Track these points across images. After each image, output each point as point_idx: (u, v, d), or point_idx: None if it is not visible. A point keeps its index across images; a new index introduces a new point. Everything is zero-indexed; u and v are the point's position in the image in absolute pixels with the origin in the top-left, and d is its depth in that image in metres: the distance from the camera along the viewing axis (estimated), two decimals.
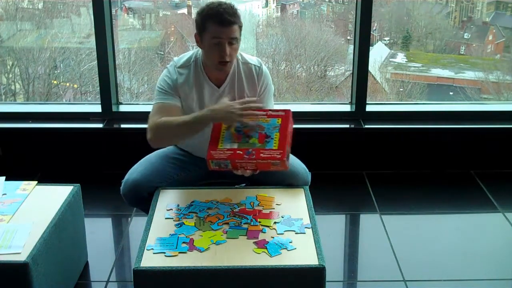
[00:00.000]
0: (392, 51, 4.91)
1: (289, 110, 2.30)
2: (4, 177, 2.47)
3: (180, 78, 2.39)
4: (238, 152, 2.18)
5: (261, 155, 2.17)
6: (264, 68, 2.47)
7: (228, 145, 2.21)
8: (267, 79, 2.47)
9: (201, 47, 2.35)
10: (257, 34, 4.85)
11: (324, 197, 3.06)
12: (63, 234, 2.25)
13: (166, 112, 2.33)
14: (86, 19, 4.29)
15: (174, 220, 2.15)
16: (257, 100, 2.37)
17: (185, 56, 2.45)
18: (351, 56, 3.55)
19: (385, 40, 4.97)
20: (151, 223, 2.14)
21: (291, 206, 2.27)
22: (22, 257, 1.96)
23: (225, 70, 2.36)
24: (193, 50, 2.46)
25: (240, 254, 1.95)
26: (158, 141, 2.36)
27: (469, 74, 4.82)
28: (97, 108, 3.51)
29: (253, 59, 2.47)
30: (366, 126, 3.44)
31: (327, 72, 4.90)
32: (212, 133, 2.26)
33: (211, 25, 2.26)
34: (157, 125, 2.30)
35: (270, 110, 2.32)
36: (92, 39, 3.44)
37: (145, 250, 1.97)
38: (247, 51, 4.46)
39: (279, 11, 5.08)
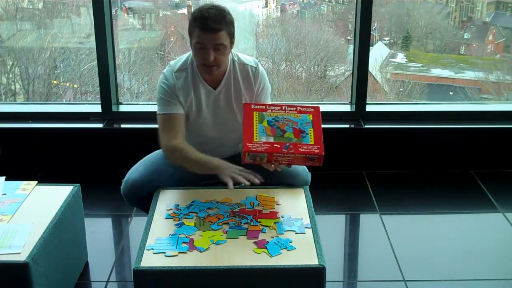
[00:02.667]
0: (392, 51, 4.91)
1: (318, 107, 2.30)
2: (4, 177, 2.47)
3: (178, 83, 2.39)
4: (275, 145, 2.17)
5: (300, 149, 2.16)
6: (261, 68, 2.46)
7: (264, 138, 2.18)
8: (263, 79, 2.47)
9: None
10: (257, 34, 4.85)
11: (324, 197, 3.06)
12: (63, 234, 2.25)
13: (171, 125, 2.37)
14: (86, 19, 4.29)
15: (174, 220, 2.15)
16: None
17: (181, 59, 2.44)
18: (351, 56, 3.55)
19: (385, 40, 4.97)
20: (151, 223, 2.14)
21: (291, 206, 2.27)
22: (22, 257, 1.96)
23: (213, 74, 2.35)
24: (189, 52, 2.45)
25: (240, 254, 1.95)
26: (174, 162, 2.41)
27: (469, 74, 4.82)
28: (97, 108, 3.51)
29: (249, 60, 2.47)
30: (366, 126, 3.44)
31: (327, 72, 4.89)
32: (244, 126, 2.22)
33: (195, 30, 2.25)
34: (171, 149, 2.36)
35: (299, 106, 2.31)
36: (92, 39, 3.44)
37: (145, 250, 1.97)
38: (247, 51, 4.46)
39: (279, 11, 5.08)
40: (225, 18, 2.27)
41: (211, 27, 2.22)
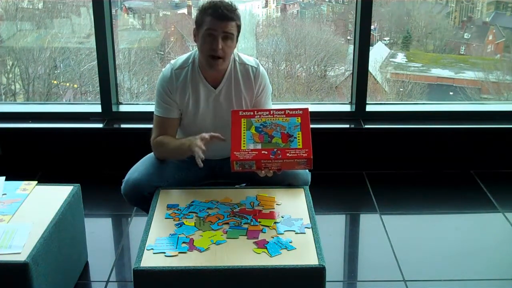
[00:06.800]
0: (392, 51, 4.91)
1: (307, 108, 2.29)
2: (4, 177, 2.47)
3: (176, 80, 2.40)
4: (263, 152, 2.17)
5: (288, 154, 2.16)
6: (261, 69, 2.47)
7: (252, 146, 2.19)
8: (264, 80, 2.47)
9: (196, 41, 2.36)
10: (257, 34, 4.85)
11: (324, 197, 3.06)
12: (63, 234, 2.25)
13: (163, 127, 2.44)
14: (86, 19, 4.29)
15: (174, 220, 2.15)
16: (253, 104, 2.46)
17: (183, 57, 2.46)
18: (351, 56, 3.55)
19: (385, 40, 4.97)
20: (151, 223, 2.14)
21: (291, 206, 2.27)
22: (22, 257, 1.96)
23: (218, 68, 2.35)
24: (192, 51, 2.46)
25: (240, 254, 1.95)
26: (160, 157, 2.48)
27: (469, 74, 4.81)
28: (97, 108, 3.51)
29: (250, 60, 2.47)
30: (366, 126, 3.44)
31: (327, 72, 4.89)
32: (232, 134, 2.24)
33: (207, 17, 2.28)
34: (155, 145, 2.45)
35: (287, 109, 2.31)
36: (92, 39, 3.44)
37: (145, 250, 1.97)
38: (247, 51, 4.46)
39: (279, 11, 5.08)
40: (236, 10, 2.32)
41: (224, 14, 2.26)
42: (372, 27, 3.52)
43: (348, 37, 4.70)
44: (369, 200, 3.19)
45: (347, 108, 3.57)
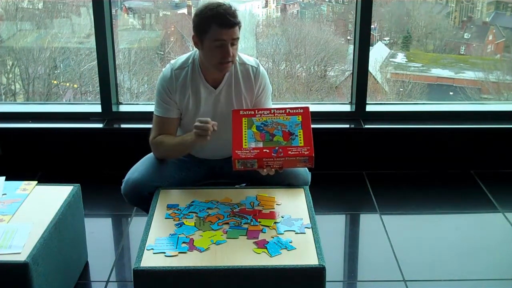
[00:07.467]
0: (392, 51, 4.91)
1: (307, 107, 2.30)
2: (4, 177, 2.47)
3: (176, 80, 2.40)
4: (265, 150, 2.17)
5: (289, 152, 2.17)
6: (261, 69, 2.47)
7: (253, 144, 2.19)
8: (264, 80, 2.47)
9: (200, 49, 2.34)
10: (257, 34, 4.85)
11: (324, 197, 3.06)
12: (63, 234, 2.25)
13: (163, 127, 2.43)
14: (86, 19, 4.29)
15: (174, 220, 2.15)
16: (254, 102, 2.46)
17: (182, 57, 2.45)
18: (351, 56, 3.55)
19: (385, 40, 4.97)
20: (151, 223, 2.14)
21: (291, 206, 2.27)
22: (22, 257, 1.96)
23: (227, 71, 2.36)
24: (191, 51, 2.46)
25: (240, 254, 1.95)
26: (159, 157, 2.47)
27: (469, 74, 4.81)
28: (97, 108, 3.51)
29: (250, 60, 2.47)
30: (366, 126, 3.44)
31: (327, 72, 4.89)
32: (233, 133, 2.24)
33: (213, 27, 2.24)
34: (154, 144, 2.44)
35: (288, 108, 2.31)
36: (92, 39, 3.44)
37: (145, 250, 1.97)
38: (247, 51, 4.46)
39: (279, 11, 5.08)
40: (236, 12, 2.30)
41: (231, 22, 2.24)
42: (372, 27, 3.52)
43: (348, 37, 4.69)
44: (369, 200, 3.19)
45: (347, 108, 3.58)
